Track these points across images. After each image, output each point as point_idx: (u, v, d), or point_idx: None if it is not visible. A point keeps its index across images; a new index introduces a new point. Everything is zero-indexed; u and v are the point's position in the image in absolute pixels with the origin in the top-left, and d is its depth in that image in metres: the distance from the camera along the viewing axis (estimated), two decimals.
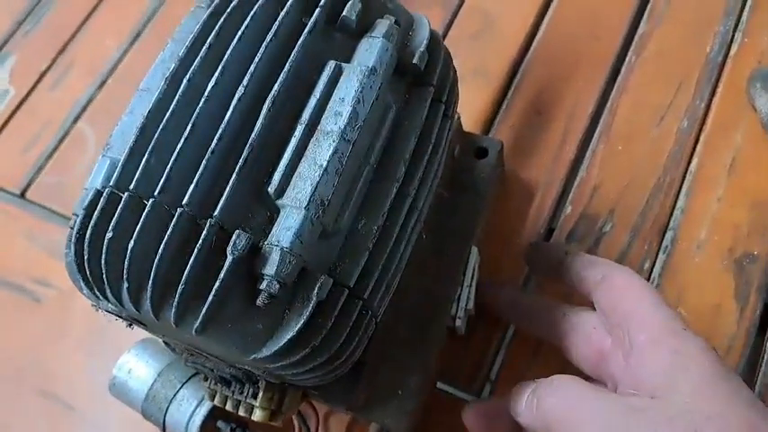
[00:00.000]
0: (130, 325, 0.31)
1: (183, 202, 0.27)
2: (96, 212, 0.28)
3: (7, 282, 0.50)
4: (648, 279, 0.41)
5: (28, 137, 0.57)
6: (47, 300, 0.49)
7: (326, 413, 0.40)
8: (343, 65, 0.30)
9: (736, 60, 0.47)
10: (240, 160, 0.28)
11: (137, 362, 0.39)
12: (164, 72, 0.31)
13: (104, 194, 0.28)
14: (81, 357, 0.46)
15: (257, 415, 0.32)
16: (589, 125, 0.47)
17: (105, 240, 0.27)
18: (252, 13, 0.30)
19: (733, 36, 0.48)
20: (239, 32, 0.30)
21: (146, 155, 0.28)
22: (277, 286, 0.27)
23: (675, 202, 0.43)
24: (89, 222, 0.28)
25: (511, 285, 0.43)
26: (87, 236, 0.28)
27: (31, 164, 0.56)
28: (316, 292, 0.27)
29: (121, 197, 0.28)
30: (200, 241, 0.26)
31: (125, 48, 0.60)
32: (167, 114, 0.29)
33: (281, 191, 0.28)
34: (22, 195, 0.54)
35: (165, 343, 0.38)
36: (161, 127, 0.28)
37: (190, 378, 0.38)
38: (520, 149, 0.47)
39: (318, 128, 0.29)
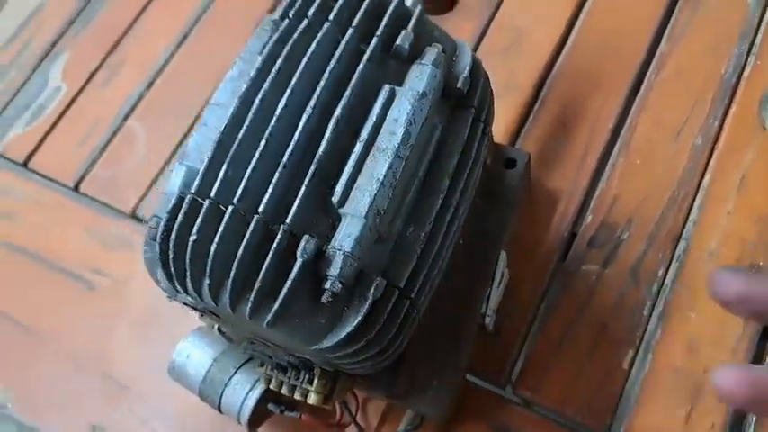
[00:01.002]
0: (202, 315, 0.35)
1: (259, 209, 0.31)
2: (180, 216, 0.31)
3: (65, 269, 0.54)
4: (662, 285, 0.45)
5: (81, 133, 0.61)
6: (102, 288, 0.53)
7: (365, 399, 0.44)
8: (397, 88, 0.34)
9: (748, 82, 0.50)
10: (308, 174, 0.31)
11: (194, 348, 0.43)
12: (234, 89, 0.35)
13: (187, 201, 0.32)
14: (136, 342, 0.50)
15: (312, 398, 0.36)
16: (610, 139, 0.51)
17: (189, 242, 0.31)
18: (317, 40, 0.34)
19: (747, 59, 0.51)
20: (306, 58, 0.34)
21: (224, 166, 0.32)
22: (339, 286, 0.30)
23: (688, 214, 0.47)
24: (173, 225, 0.32)
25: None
26: (172, 237, 0.31)
27: (84, 158, 0.59)
28: (372, 291, 0.31)
29: (203, 204, 0.31)
30: (275, 245, 0.30)
31: (172, 49, 0.63)
32: (242, 130, 0.32)
33: (342, 201, 0.32)
34: (76, 188, 0.58)
35: (220, 332, 0.42)
36: (237, 141, 0.32)
37: (243, 364, 0.42)
38: (545, 160, 0.50)
39: (375, 145, 0.33)
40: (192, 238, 0.31)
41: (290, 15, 0.36)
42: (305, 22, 0.35)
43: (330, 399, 0.37)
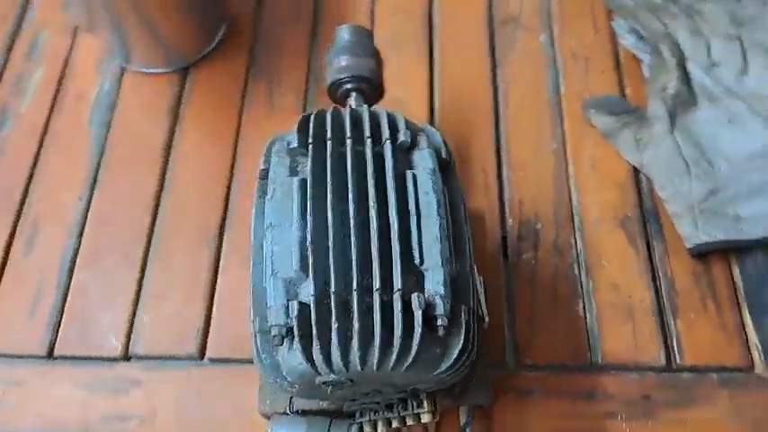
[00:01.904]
0: (339, 388, 0.42)
1: (375, 287, 0.40)
2: (313, 314, 0.40)
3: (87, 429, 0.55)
4: (577, 251, 0.62)
5: (27, 302, 0.61)
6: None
7: None
8: (416, 172, 0.46)
9: (567, 97, 0.71)
10: (395, 251, 0.42)
11: None
12: (283, 209, 0.44)
13: (313, 300, 0.40)
14: None
15: (426, 418, 0.46)
16: (496, 161, 0.67)
17: (333, 329, 0.39)
18: (349, 153, 0.44)
19: (558, 82, 0.72)
20: (349, 168, 0.44)
21: (331, 265, 0.41)
22: (446, 321, 0.41)
23: (571, 197, 0.65)
24: (308, 322, 0.40)
25: None
26: (315, 332, 0.39)
27: (44, 325, 0.60)
28: (463, 317, 0.43)
29: (330, 298, 0.40)
30: (399, 309, 0.40)
31: (87, 195, 0.66)
32: (330, 233, 0.42)
33: (421, 261, 0.42)
34: (50, 355, 0.59)
35: (300, 413, 0.49)
36: (331, 245, 0.41)
37: (330, 428, 0.50)
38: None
39: (422, 215, 0.44)
40: (335, 326, 0.39)
41: (311, 140, 0.46)
42: (329, 143, 0.45)
43: (437, 413, 0.47)
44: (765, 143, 0.63)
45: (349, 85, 0.55)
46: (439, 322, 0.41)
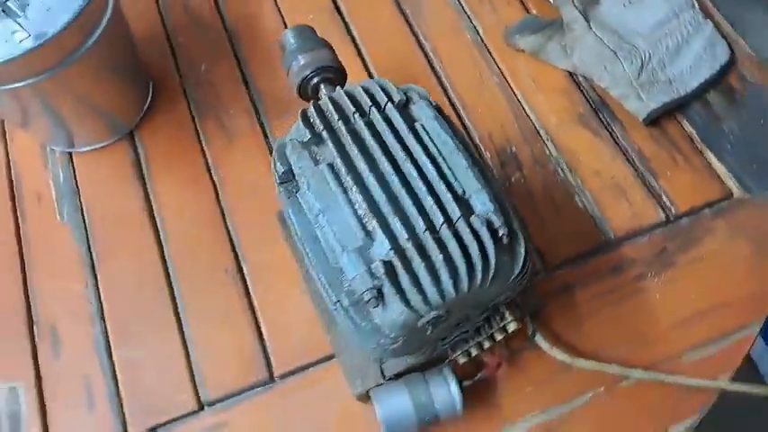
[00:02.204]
0: (438, 325, 0.46)
1: (440, 222, 0.44)
2: (398, 264, 0.43)
3: None
4: (553, 157, 0.69)
5: (80, 399, 0.60)
6: None
7: None
8: (421, 122, 0.50)
9: (488, 35, 0.77)
10: (443, 191, 0.46)
11: (389, 401, 0.52)
12: (325, 192, 0.47)
13: (392, 254, 0.43)
14: None
15: (512, 326, 0.50)
16: (452, 109, 0.73)
17: (421, 274, 0.43)
18: (362, 129, 0.48)
19: (474, 25, 0.78)
20: (368, 139, 0.47)
21: (392, 221, 0.44)
22: (506, 229, 0.46)
23: (528, 115, 0.72)
24: (395, 275, 0.43)
25: None
26: (407, 279, 0.43)
27: (107, 412, 0.59)
28: (516, 225, 0.47)
29: (407, 247, 0.44)
30: (467, 234, 0.44)
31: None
32: (378, 197, 0.45)
33: (464, 191, 0.47)
34: None
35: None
36: (383, 205, 0.45)
37: (428, 380, 0.53)
38: None
39: (443, 153, 0.48)
40: (420, 267, 0.43)
41: (321, 129, 0.49)
42: (339, 123, 0.49)
43: (519, 321, 0.51)
44: (665, 11, 0.73)
45: (316, 79, 0.59)
46: (501, 233, 0.45)
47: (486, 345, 0.52)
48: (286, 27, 0.81)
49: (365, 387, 0.55)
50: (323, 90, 0.58)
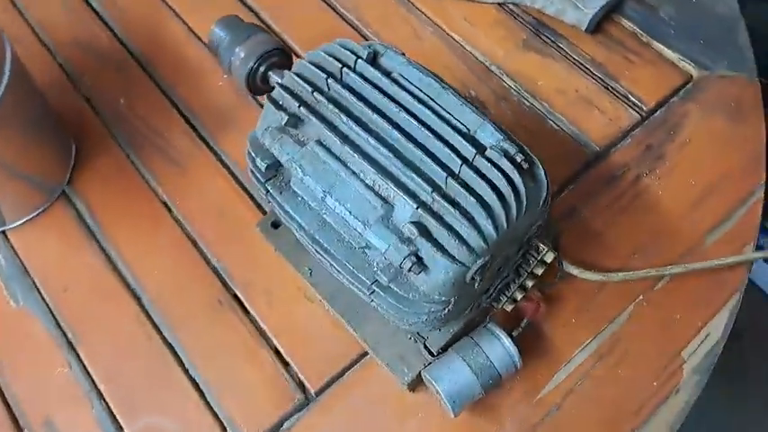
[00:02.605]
0: (484, 273, 0.43)
1: (459, 165, 0.41)
2: (430, 220, 0.40)
3: None
4: (514, 89, 0.67)
5: None
6: None
7: None
8: (398, 71, 0.46)
9: None
10: (449, 131, 0.42)
11: (451, 378, 0.49)
12: (325, 171, 0.43)
13: (421, 211, 0.40)
14: None
15: (549, 257, 0.48)
16: None
17: (454, 221, 0.39)
18: (340, 90, 0.44)
19: None
20: (351, 101, 0.43)
21: (408, 178, 0.41)
22: (522, 157, 0.43)
23: (475, 56, 0.69)
24: (429, 233, 0.40)
25: None
26: (444, 233, 0.39)
27: None
28: (527, 150, 0.44)
29: (429, 202, 0.40)
30: (491, 167, 0.41)
31: None
32: (384, 158, 0.41)
33: (466, 129, 0.44)
34: None
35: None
36: (391, 164, 0.41)
37: (479, 343, 0.50)
38: None
39: (432, 96, 0.45)
40: (454, 215, 0.40)
41: (298, 107, 0.44)
42: (315, 95, 0.44)
43: (556, 248, 0.49)
44: None
45: (262, 68, 0.53)
46: (518, 159, 0.43)
47: (529, 284, 0.49)
48: (193, 32, 0.75)
49: (414, 372, 0.51)
50: (273, 77, 0.54)
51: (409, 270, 0.40)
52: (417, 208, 0.40)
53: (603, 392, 0.54)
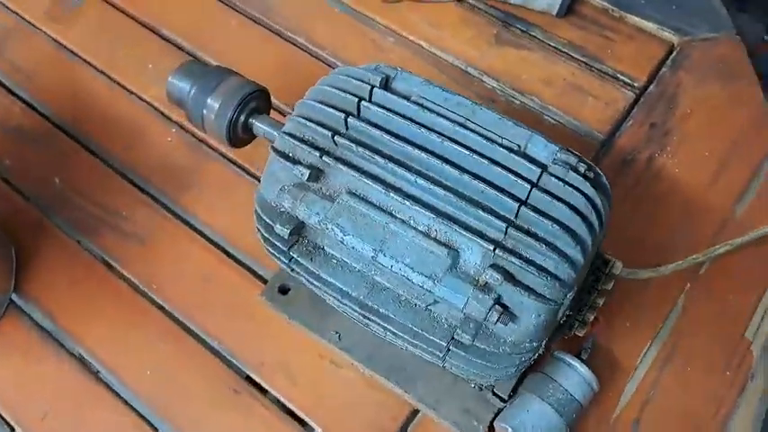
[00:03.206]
0: (571, 301, 0.37)
1: (527, 190, 0.35)
2: (512, 260, 0.33)
3: None
4: (499, 84, 0.62)
5: None
6: None
7: None
8: (417, 92, 0.40)
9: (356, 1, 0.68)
10: (503, 154, 0.36)
11: (532, 419, 0.43)
12: (368, 230, 0.36)
13: (497, 252, 0.34)
14: None
15: (618, 267, 0.43)
16: None
17: (536, 253, 0.34)
18: (364, 128, 0.37)
19: None
20: (382, 138, 0.37)
21: (472, 218, 0.34)
22: (586, 167, 0.37)
23: (438, 56, 0.64)
24: (510, 274, 0.34)
25: None
26: (530, 271, 0.33)
27: None
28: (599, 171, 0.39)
29: (503, 239, 0.34)
30: (563, 185, 0.35)
31: None
32: (437, 197, 0.35)
33: (517, 146, 0.38)
34: None
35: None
36: (449, 204, 0.35)
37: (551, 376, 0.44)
38: None
39: (468, 115, 0.39)
40: (536, 248, 0.34)
41: (319, 155, 0.37)
42: (337, 138, 0.37)
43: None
44: None
45: (243, 116, 0.46)
46: (582, 169, 0.37)
47: (600, 302, 0.44)
48: (119, 84, 0.65)
49: (485, 423, 0.45)
50: (258, 125, 0.46)
51: (496, 322, 0.34)
52: (494, 249, 0.34)
53: (678, 394, 0.49)
